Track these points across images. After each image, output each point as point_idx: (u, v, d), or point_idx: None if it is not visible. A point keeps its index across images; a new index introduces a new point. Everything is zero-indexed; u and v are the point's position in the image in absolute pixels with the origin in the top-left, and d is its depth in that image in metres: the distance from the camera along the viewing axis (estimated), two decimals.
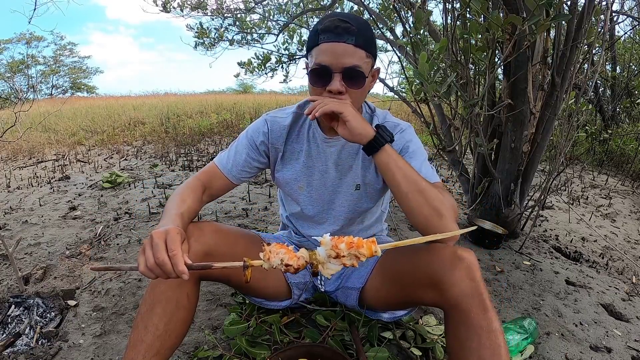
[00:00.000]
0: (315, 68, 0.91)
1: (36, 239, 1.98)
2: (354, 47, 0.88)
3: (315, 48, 0.92)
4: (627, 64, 5.00)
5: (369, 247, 0.68)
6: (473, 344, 0.77)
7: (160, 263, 0.70)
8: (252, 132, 1.11)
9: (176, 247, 0.72)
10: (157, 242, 0.72)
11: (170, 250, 0.71)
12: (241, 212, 2.41)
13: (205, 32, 3.70)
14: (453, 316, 0.83)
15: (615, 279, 1.82)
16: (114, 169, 3.55)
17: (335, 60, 0.88)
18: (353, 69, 0.89)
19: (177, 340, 0.91)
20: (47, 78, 22.11)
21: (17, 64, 19.39)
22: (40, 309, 1.37)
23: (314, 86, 0.94)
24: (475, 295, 0.80)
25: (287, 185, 1.15)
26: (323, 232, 1.18)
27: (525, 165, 2.00)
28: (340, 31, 0.87)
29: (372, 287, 1.09)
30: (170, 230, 0.75)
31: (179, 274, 0.70)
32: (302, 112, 1.11)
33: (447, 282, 0.82)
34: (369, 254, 0.68)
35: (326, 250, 0.69)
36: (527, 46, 1.66)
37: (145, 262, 0.72)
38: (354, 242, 0.68)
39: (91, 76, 24.60)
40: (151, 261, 0.71)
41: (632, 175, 4.01)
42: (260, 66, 3.51)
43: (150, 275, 0.72)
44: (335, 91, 0.90)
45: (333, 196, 1.12)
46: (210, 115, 7.27)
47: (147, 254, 0.72)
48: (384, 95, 3.63)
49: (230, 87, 21.60)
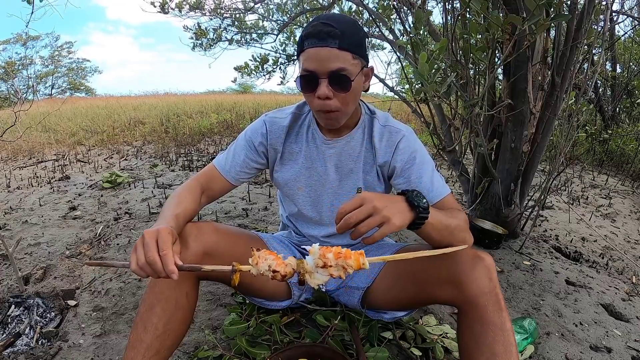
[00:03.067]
0: (303, 75, 0.92)
1: (36, 239, 1.98)
2: (338, 50, 0.87)
3: (302, 54, 0.92)
4: (627, 64, 5.00)
5: (356, 260, 0.67)
6: (488, 339, 0.81)
7: (150, 262, 0.71)
8: (250, 133, 1.10)
9: (167, 247, 0.72)
10: (148, 241, 0.72)
11: (161, 249, 0.72)
12: (241, 212, 2.41)
13: (203, 33, 3.70)
14: (469, 313, 0.85)
15: (615, 279, 1.82)
16: (114, 169, 3.55)
17: (320, 65, 0.88)
18: (338, 73, 0.88)
19: (177, 340, 0.91)
20: (45, 78, 22.10)
21: (14, 64, 19.38)
22: (40, 309, 1.37)
23: (303, 92, 0.95)
24: (493, 294, 0.83)
25: (285, 186, 1.14)
26: (324, 232, 1.18)
27: (525, 165, 2.00)
28: (324, 35, 0.87)
29: (382, 286, 1.09)
30: (161, 230, 0.75)
31: (169, 273, 0.70)
32: (302, 112, 1.12)
33: (467, 280, 0.85)
34: (356, 266, 0.67)
35: (314, 259, 0.69)
36: (527, 46, 1.66)
37: (137, 261, 0.72)
38: (342, 252, 0.68)
39: (90, 76, 24.61)
40: (142, 260, 0.71)
41: (632, 175, 4.01)
42: (257, 68, 3.51)
43: (141, 273, 0.72)
44: (323, 96, 0.90)
45: (333, 198, 1.11)
46: (210, 115, 7.27)
47: (138, 253, 0.72)
48: (384, 95, 3.63)
49: (230, 87, 21.57)
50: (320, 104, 0.92)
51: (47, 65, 22.02)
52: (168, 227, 0.77)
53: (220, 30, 3.73)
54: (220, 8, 3.63)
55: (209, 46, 3.78)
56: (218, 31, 3.73)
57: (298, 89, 0.95)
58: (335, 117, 0.95)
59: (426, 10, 1.73)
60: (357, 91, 0.96)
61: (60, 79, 23.44)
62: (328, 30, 0.87)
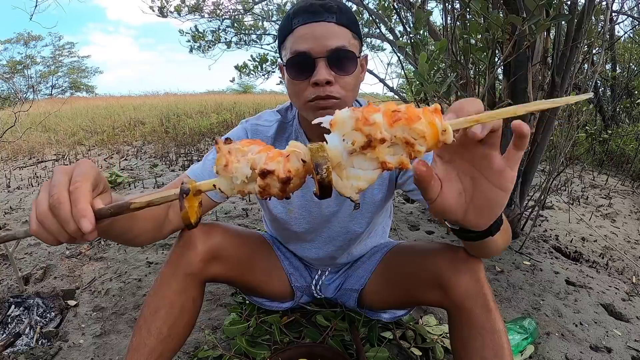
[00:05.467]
0: (292, 57, 0.75)
1: (36, 239, 1.98)
2: (337, 25, 0.74)
3: (289, 36, 0.76)
4: (627, 64, 5.00)
5: (430, 122, 0.34)
6: (476, 344, 0.77)
7: (53, 204, 0.45)
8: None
9: (83, 179, 0.47)
10: (58, 177, 0.47)
11: (74, 182, 0.46)
12: (241, 212, 2.41)
13: (200, 36, 3.69)
14: (456, 317, 0.83)
15: (615, 279, 1.82)
16: (114, 169, 3.54)
17: (317, 43, 0.73)
18: (340, 51, 0.74)
19: (180, 343, 0.91)
20: (46, 78, 22.14)
21: (15, 64, 19.42)
22: (40, 309, 1.37)
23: (294, 80, 0.77)
24: (479, 296, 0.79)
25: (275, 209, 1.00)
26: (314, 255, 1.07)
27: (525, 165, 1.99)
28: (317, 9, 0.73)
29: (373, 288, 1.08)
30: (82, 162, 0.50)
31: (78, 219, 0.44)
32: (286, 119, 0.96)
33: (450, 283, 0.81)
34: (432, 136, 0.35)
35: (342, 135, 0.36)
36: (527, 46, 1.66)
37: (36, 210, 0.46)
38: (400, 111, 0.34)
39: (90, 76, 24.66)
40: (44, 205, 0.46)
41: (632, 175, 4.01)
42: (256, 68, 3.51)
43: (41, 233, 0.47)
44: (323, 81, 0.73)
45: (329, 217, 0.99)
46: (210, 115, 7.27)
47: (40, 197, 0.47)
48: (384, 95, 3.62)
49: (230, 87, 21.58)
50: (318, 91, 0.75)
51: (48, 65, 22.08)
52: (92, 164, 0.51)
53: (219, 32, 3.72)
54: (218, 9, 3.63)
55: (207, 48, 3.78)
56: (217, 33, 3.72)
57: (283, 81, 0.79)
58: (334, 107, 0.75)
59: (426, 10, 1.73)
60: (359, 79, 0.83)
61: (61, 79, 23.50)
62: (322, 3, 0.74)
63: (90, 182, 0.47)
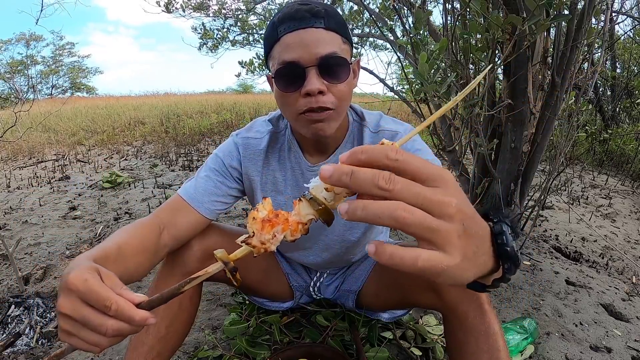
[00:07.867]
0: (281, 68, 0.71)
1: (36, 239, 1.98)
2: (325, 30, 0.70)
3: (275, 45, 0.72)
4: (627, 64, 5.00)
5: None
6: (471, 348, 0.76)
7: (115, 311, 0.45)
8: (222, 154, 0.92)
9: (116, 281, 0.49)
10: (87, 288, 0.45)
11: (114, 288, 0.48)
12: (241, 212, 2.41)
13: (209, 34, 3.71)
14: (450, 320, 0.82)
15: (615, 279, 1.82)
16: (114, 169, 3.55)
17: (305, 51, 0.69)
18: (331, 58, 0.70)
19: (179, 341, 0.91)
20: (46, 78, 22.17)
21: (16, 64, 19.44)
22: (40, 309, 1.37)
23: (284, 91, 0.73)
24: (473, 299, 0.77)
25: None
26: (312, 260, 1.05)
27: (525, 166, 1.99)
28: (304, 14, 0.69)
29: (370, 290, 1.08)
30: (86, 267, 0.48)
31: (141, 321, 0.47)
32: (278, 129, 0.92)
33: (443, 286, 0.80)
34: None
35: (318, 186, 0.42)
36: (527, 46, 1.66)
37: (85, 336, 0.47)
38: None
39: (90, 76, 24.69)
40: (96, 321, 0.46)
41: (632, 175, 4.01)
42: (261, 66, 3.52)
43: (102, 342, 0.48)
44: (315, 91, 0.70)
45: (324, 227, 0.94)
46: (211, 115, 7.27)
47: (78, 322, 0.46)
48: (384, 95, 3.62)
49: (230, 87, 21.63)
50: (310, 102, 0.72)
51: (48, 65, 22.10)
52: (86, 265, 0.49)
53: (225, 31, 3.74)
54: (223, 8, 3.64)
55: (214, 47, 3.79)
56: (222, 32, 3.74)
57: (276, 93, 0.76)
58: (328, 119, 0.75)
59: (426, 10, 1.73)
60: (352, 86, 0.79)
61: (62, 79, 23.52)
62: (309, 8, 0.70)
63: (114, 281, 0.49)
